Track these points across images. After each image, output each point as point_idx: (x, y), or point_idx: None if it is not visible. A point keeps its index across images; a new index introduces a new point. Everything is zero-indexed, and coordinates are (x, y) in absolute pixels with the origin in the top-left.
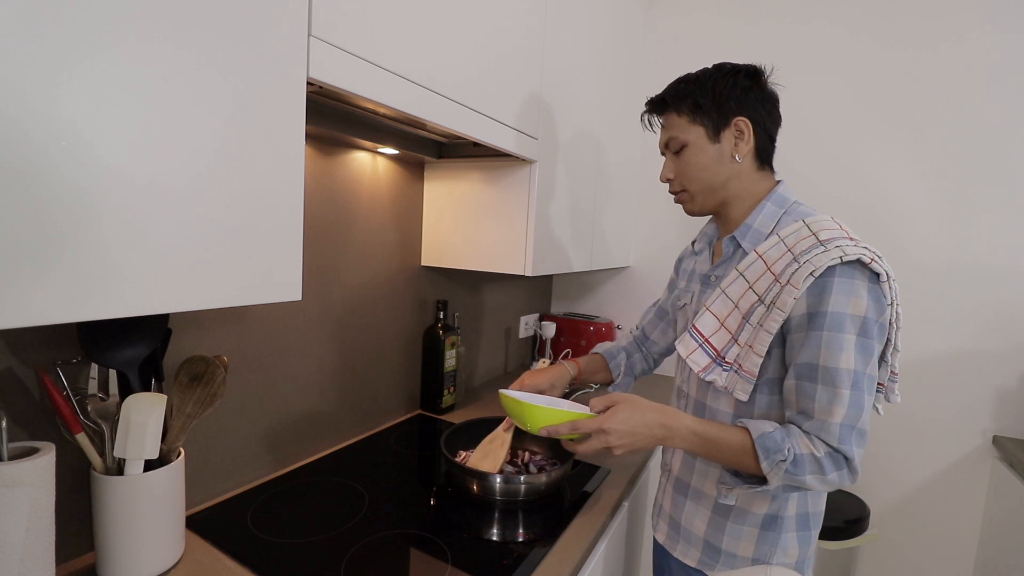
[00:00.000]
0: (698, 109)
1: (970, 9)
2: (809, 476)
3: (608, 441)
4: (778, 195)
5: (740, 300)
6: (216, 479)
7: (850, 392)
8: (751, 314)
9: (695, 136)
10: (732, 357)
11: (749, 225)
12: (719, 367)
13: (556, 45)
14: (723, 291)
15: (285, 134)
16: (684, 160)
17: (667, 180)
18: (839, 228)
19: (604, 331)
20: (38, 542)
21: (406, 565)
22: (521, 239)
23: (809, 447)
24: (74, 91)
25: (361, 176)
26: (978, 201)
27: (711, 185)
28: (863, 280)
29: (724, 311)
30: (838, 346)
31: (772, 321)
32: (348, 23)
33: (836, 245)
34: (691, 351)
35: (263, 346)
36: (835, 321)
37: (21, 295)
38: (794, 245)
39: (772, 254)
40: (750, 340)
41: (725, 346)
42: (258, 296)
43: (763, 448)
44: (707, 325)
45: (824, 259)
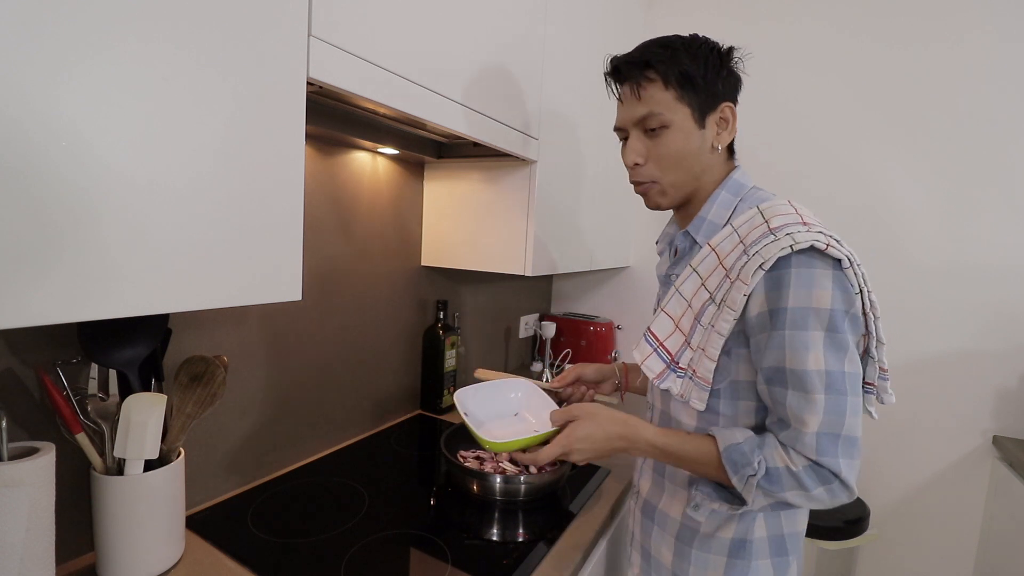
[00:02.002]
0: (687, 85)
1: (970, 9)
2: (789, 493)
3: (570, 458)
4: (733, 182)
5: (693, 298)
6: (216, 479)
7: (824, 396)
8: (703, 314)
9: (681, 117)
10: (686, 362)
11: (703, 217)
12: (673, 373)
13: (556, 45)
14: (677, 290)
15: (285, 134)
16: (662, 143)
17: (635, 165)
18: (794, 212)
19: (604, 331)
20: (38, 542)
21: (406, 565)
22: (521, 239)
23: (785, 460)
24: (74, 91)
25: (361, 176)
26: (978, 201)
27: (687, 177)
28: (824, 268)
29: (678, 311)
30: (803, 345)
31: (723, 321)
32: (348, 23)
33: (786, 232)
34: (645, 356)
35: (263, 346)
36: (797, 318)
37: (21, 295)
38: (746, 235)
39: (725, 246)
40: (702, 343)
41: (679, 350)
42: (258, 296)
43: (730, 462)
44: (662, 328)
45: (773, 249)
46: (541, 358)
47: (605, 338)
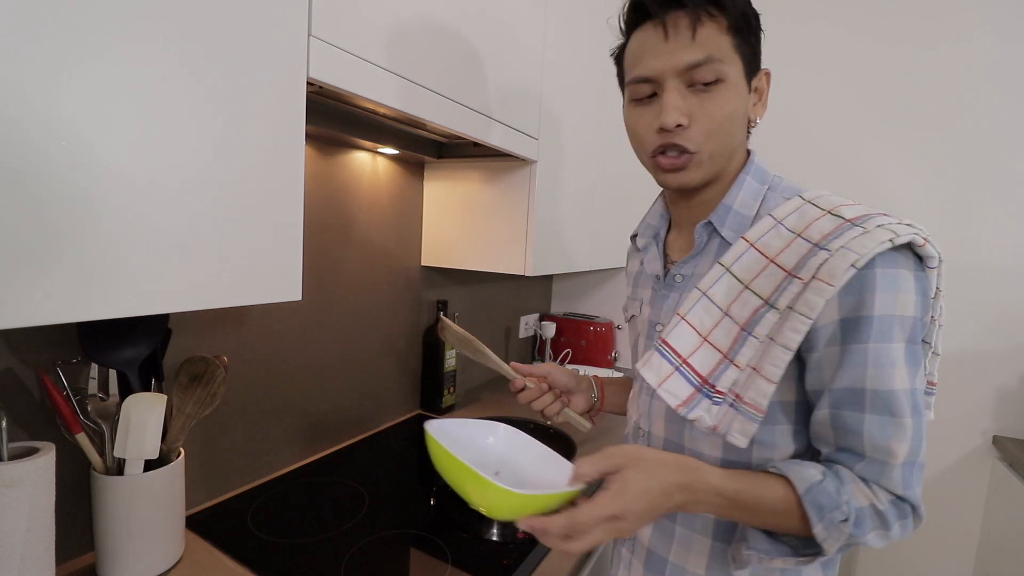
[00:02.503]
0: (744, 32)
1: (970, 9)
2: (871, 534)
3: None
4: (757, 167)
5: (732, 305)
6: (216, 479)
7: (911, 420)
8: (755, 323)
9: (735, 71)
10: (727, 385)
11: (728, 207)
12: (707, 399)
13: (556, 44)
14: (704, 293)
15: (285, 134)
16: (716, 102)
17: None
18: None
19: (604, 331)
20: (38, 542)
21: (406, 565)
22: (521, 239)
23: (870, 497)
24: (74, 91)
25: (361, 176)
26: (978, 201)
27: (727, 150)
28: (907, 268)
29: (708, 321)
30: (889, 361)
31: (792, 331)
32: (348, 23)
33: (878, 224)
34: (664, 377)
35: (263, 346)
36: (884, 328)
37: (22, 295)
38: (805, 228)
39: (771, 242)
40: (755, 360)
41: (715, 369)
42: (258, 296)
43: (815, 506)
44: (684, 341)
45: (869, 244)
46: (541, 358)
47: (605, 338)
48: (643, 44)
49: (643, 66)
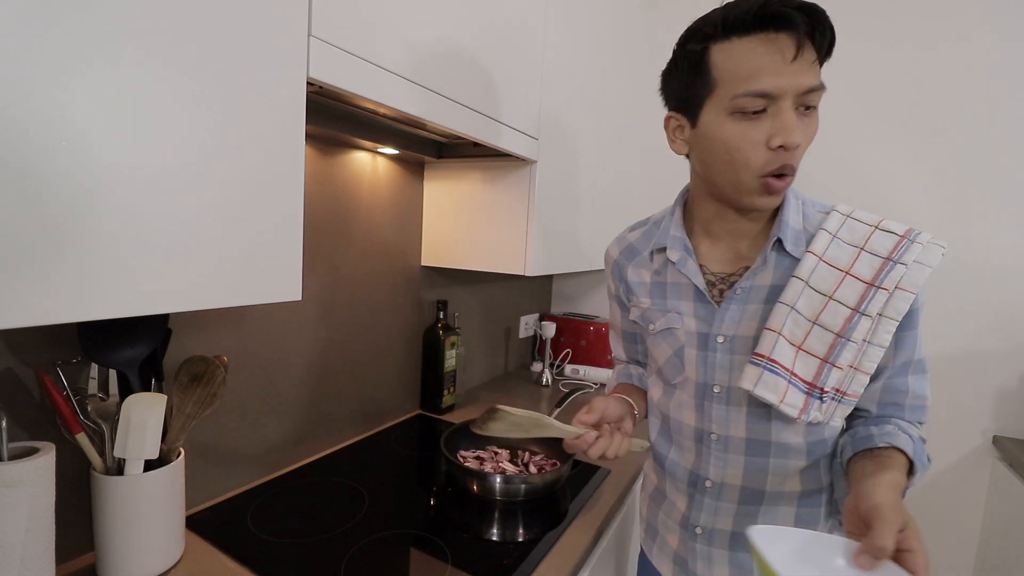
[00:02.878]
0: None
1: (970, 10)
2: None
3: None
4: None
5: (821, 315)
6: (216, 479)
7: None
8: (851, 330)
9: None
10: (832, 384)
11: (786, 222)
12: (817, 400)
13: (556, 44)
14: (792, 307)
15: (285, 134)
16: (812, 127)
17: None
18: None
19: (604, 331)
20: (38, 542)
21: (406, 565)
22: (521, 239)
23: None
24: (76, 91)
25: (361, 176)
26: (978, 201)
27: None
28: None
29: (798, 332)
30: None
31: (884, 332)
32: (348, 23)
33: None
34: (784, 393)
35: (263, 346)
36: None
37: (24, 295)
38: (865, 242)
39: (838, 255)
40: (856, 360)
41: (819, 374)
42: (258, 296)
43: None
44: (785, 354)
45: (936, 255)
46: (541, 358)
47: (605, 338)
48: (763, 57)
49: (763, 81)
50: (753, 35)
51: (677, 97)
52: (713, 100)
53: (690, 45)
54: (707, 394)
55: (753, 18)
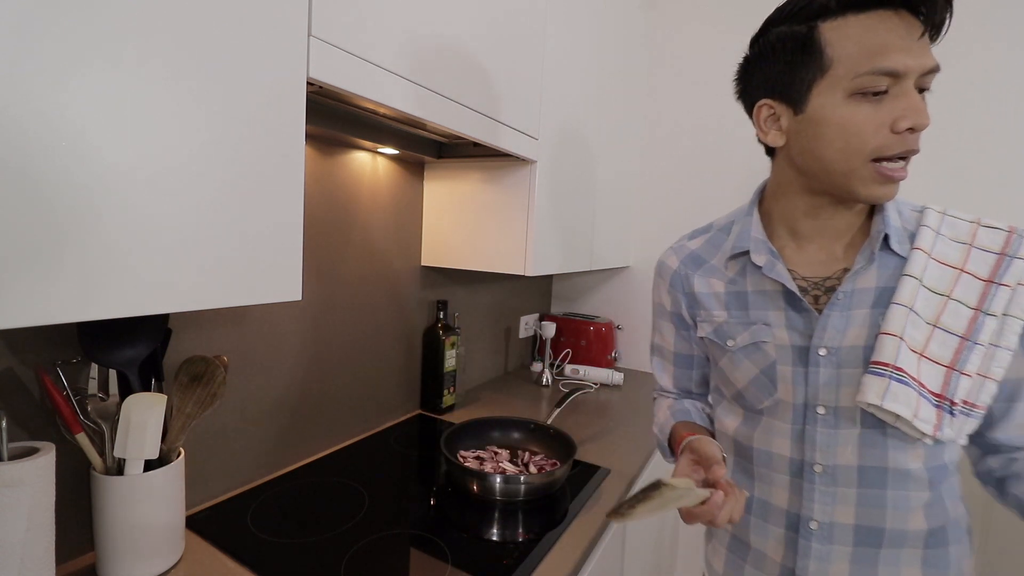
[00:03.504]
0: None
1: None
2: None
3: None
4: None
5: (941, 316)
6: (216, 479)
7: None
8: (978, 331)
9: None
10: (962, 395)
11: (888, 221)
12: (948, 414)
13: (557, 45)
14: (911, 309)
15: (285, 134)
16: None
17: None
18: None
19: (604, 331)
20: (38, 542)
21: (406, 565)
22: (521, 239)
23: None
24: (76, 92)
25: (361, 176)
26: (977, 201)
27: None
28: None
29: (919, 337)
30: None
31: (1012, 333)
32: (348, 23)
33: None
34: (917, 408)
35: (263, 346)
36: None
37: (25, 295)
38: (971, 238)
39: (947, 252)
40: (983, 367)
41: (946, 383)
42: (258, 296)
43: None
44: (910, 362)
45: None
46: (541, 358)
47: (605, 338)
48: (889, 33)
49: (892, 59)
50: (872, 11)
51: (773, 83)
52: (826, 81)
53: (790, 26)
54: (809, 417)
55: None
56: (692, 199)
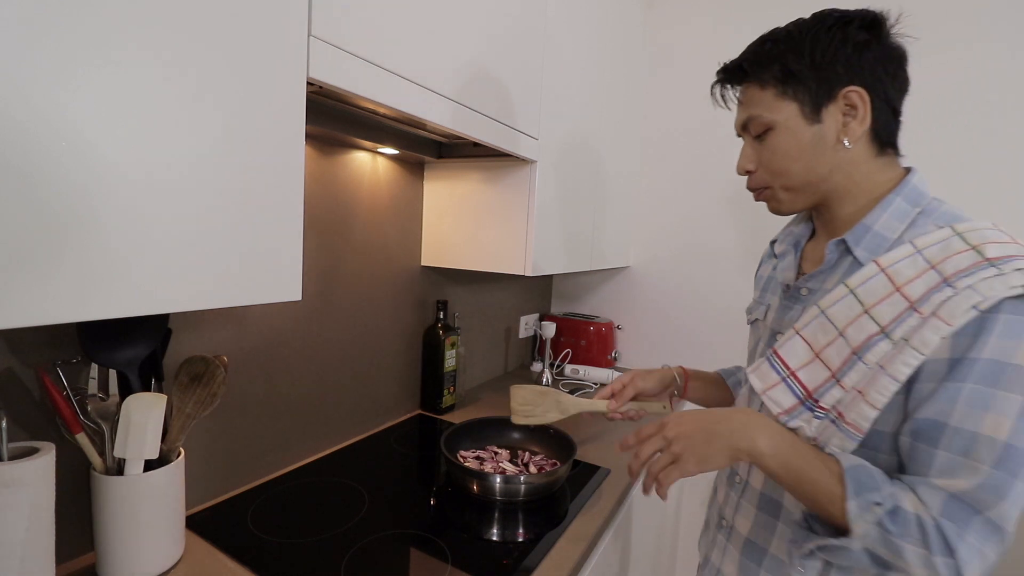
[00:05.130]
0: (789, 78)
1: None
2: (910, 547)
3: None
4: (911, 187)
5: (849, 327)
6: (216, 479)
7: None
8: (866, 349)
9: (785, 115)
10: (830, 402)
11: (867, 227)
12: (808, 411)
13: (556, 45)
14: (822, 311)
15: (285, 134)
16: (770, 146)
17: (745, 172)
18: (1013, 241)
19: (604, 331)
20: (38, 542)
21: (406, 565)
22: (521, 239)
23: (918, 507)
24: (75, 91)
25: (361, 176)
26: (977, 201)
27: (806, 179)
28: None
29: (822, 339)
30: (983, 404)
31: (902, 364)
32: (348, 23)
33: (1017, 268)
34: (770, 385)
35: (263, 346)
36: (989, 372)
37: (25, 295)
38: (941, 261)
39: (903, 270)
40: (861, 384)
41: (821, 386)
42: (258, 296)
43: (854, 480)
44: (795, 354)
45: (998, 287)
46: (541, 358)
47: (605, 338)
48: None
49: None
50: None
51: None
52: None
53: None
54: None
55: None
56: (693, 199)
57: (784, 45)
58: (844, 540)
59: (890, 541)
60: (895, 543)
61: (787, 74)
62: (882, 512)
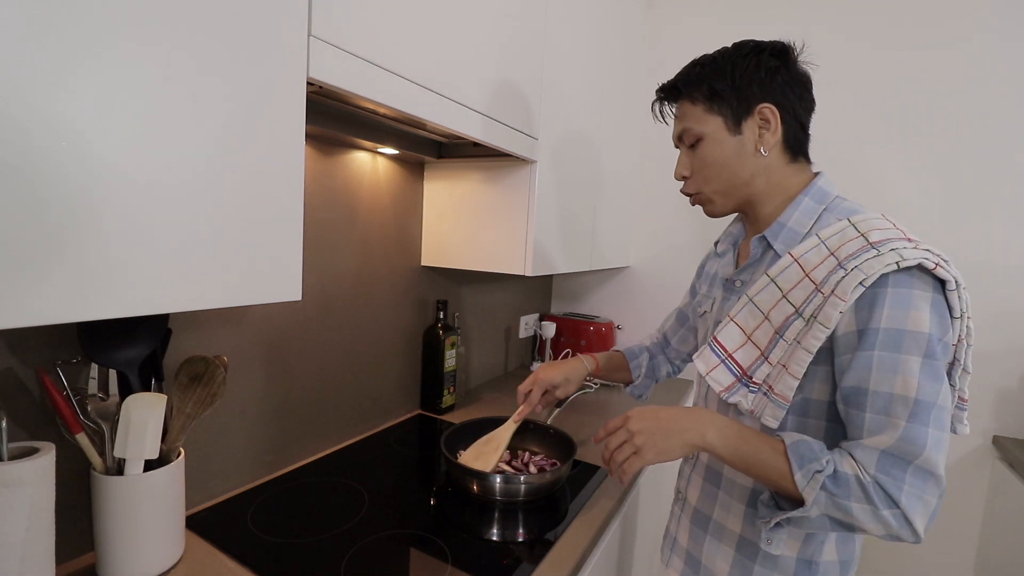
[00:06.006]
0: (715, 96)
1: (970, 12)
2: (856, 504)
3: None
4: (817, 189)
5: (772, 311)
6: (216, 479)
7: (906, 424)
8: (785, 328)
9: (712, 128)
10: (761, 377)
11: (783, 224)
12: (744, 387)
13: (556, 44)
14: (750, 300)
15: (285, 134)
16: (700, 155)
17: (682, 178)
18: (893, 227)
19: (604, 331)
20: (38, 542)
21: (406, 565)
22: (521, 239)
23: (855, 468)
24: (75, 91)
25: (361, 176)
26: (977, 201)
27: (732, 183)
28: (923, 290)
29: (751, 323)
30: (891, 368)
31: (812, 338)
32: (348, 23)
33: (891, 248)
34: (711, 367)
35: (263, 346)
36: (889, 339)
37: (23, 295)
38: (838, 248)
39: (811, 258)
40: (784, 359)
41: (753, 364)
42: (258, 296)
43: (796, 455)
44: (731, 339)
45: (876, 265)
46: (541, 358)
47: (605, 338)
48: None
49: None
50: None
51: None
52: None
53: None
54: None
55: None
56: None
57: (710, 69)
58: (801, 510)
59: (838, 503)
60: (843, 504)
61: (713, 93)
62: (823, 478)
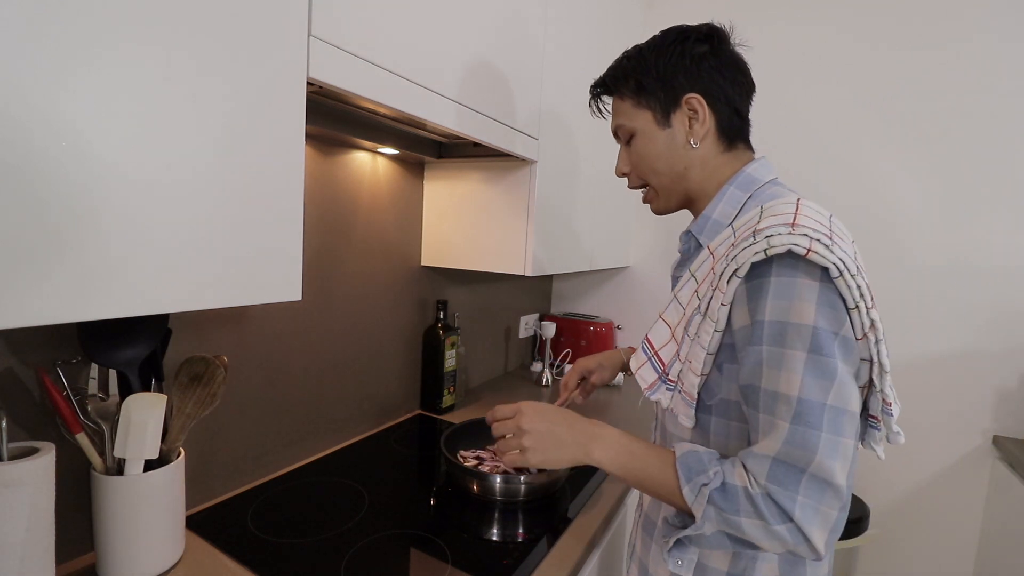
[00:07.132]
0: (642, 91)
1: (969, 12)
2: (746, 520)
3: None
4: (745, 176)
5: (688, 306)
6: (216, 479)
7: (789, 426)
8: (691, 323)
9: (642, 122)
10: (675, 374)
11: (707, 216)
12: (663, 384)
13: (556, 45)
14: (675, 296)
15: (285, 134)
16: (635, 151)
17: (623, 175)
18: (791, 213)
19: (604, 331)
20: (38, 542)
21: (406, 565)
22: (521, 239)
23: (744, 479)
24: (75, 91)
25: (361, 176)
26: (978, 201)
27: (668, 178)
28: (807, 278)
29: (674, 319)
30: (777, 364)
31: (705, 334)
32: (348, 23)
33: (766, 235)
34: (640, 365)
35: (263, 346)
36: (774, 332)
37: (23, 295)
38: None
39: (720, 249)
40: (691, 355)
41: (670, 361)
42: (258, 296)
43: (684, 467)
44: (659, 336)
45: (747, 254)
46: (541, 358)
47: (605, 338)
48: None
49: None
50: None
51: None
52: None
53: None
54: None
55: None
56: None
57: (636, 61)
58: (694, 527)
59: (727, 519)
60: (732, 520)
61: (640, 87)
62: (709, 491)
